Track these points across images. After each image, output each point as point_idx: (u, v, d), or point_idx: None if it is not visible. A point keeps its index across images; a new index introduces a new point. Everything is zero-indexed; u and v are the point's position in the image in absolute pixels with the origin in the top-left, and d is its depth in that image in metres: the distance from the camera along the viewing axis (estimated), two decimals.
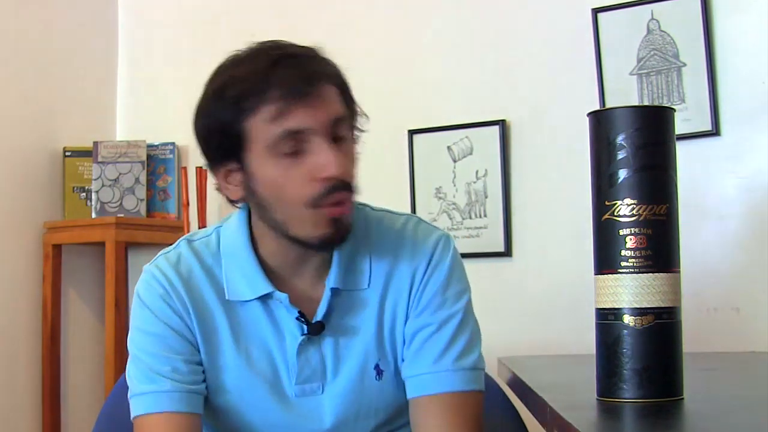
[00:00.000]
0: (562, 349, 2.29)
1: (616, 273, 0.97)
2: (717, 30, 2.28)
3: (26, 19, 2.85)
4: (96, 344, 2.92)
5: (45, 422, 2.77)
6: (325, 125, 1.12)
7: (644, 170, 0.96)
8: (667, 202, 0.97)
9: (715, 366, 1.72)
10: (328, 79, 1.15)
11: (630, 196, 0.96)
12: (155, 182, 2.98)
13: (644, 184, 0.96)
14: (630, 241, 0.96)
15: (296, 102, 1.10)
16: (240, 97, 1.12)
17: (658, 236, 0.96)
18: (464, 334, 1.24)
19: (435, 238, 1.27)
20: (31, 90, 2.85)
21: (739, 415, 1.08)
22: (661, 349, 0.97)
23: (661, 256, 0.96)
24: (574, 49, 2.46)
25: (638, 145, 0.97)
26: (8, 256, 2.74)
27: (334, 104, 1.15)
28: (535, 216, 2.47)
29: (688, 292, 2.26)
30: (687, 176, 2.31)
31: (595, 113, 1.01)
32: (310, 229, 1.15)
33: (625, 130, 0.97)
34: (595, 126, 1.00)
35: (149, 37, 3.13)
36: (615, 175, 0.97)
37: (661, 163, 0.98)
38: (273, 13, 2.88)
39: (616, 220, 0.97)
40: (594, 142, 1.01)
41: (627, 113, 0.98)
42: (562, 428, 1.02)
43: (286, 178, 1.13)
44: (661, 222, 0.96)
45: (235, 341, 1.23)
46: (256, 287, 1.22)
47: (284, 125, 1.11)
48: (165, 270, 1.24)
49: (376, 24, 2.74)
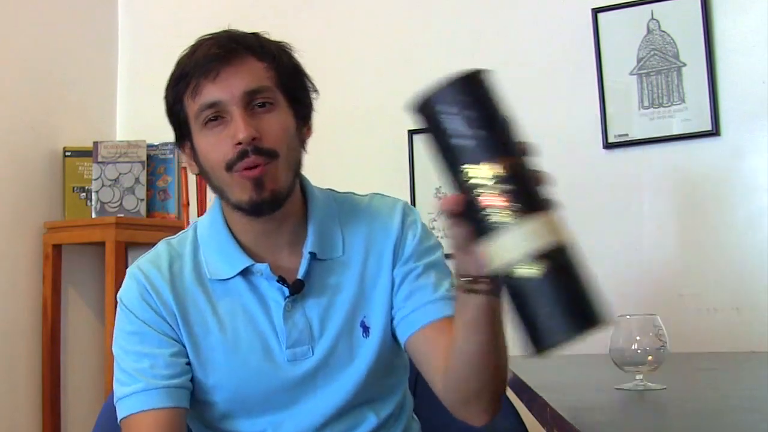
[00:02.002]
0: (562, 349, 2.29)
1: (489, 234, 0.90)
2: (717, 30, 2.28)
3: (26, 19, 2.85)
4: (96, 344, 2.92)
5: (45, 422, 2.77)
6: (237, 97, 1.19)
7: (475, 135, 0.92)
8: (510, 156, 0.90)
9: (715, 366, 1.72)
10: (243, 53, 1.22)
11: (469, 161, 0.91)
12: (155, 182, 2.98)
13: (481, 147, 0.91)
14: (486, 201, 0.90)
15: (206, 78, 1.20)
16: (176, 80, 1.25)
17: (515, 187, 0.90)
18: (448, 274, 1.30)
19: (401, 203, 1.36)
20: (31, 90, 2.85)
21: (739, 414, 1.08)
22: (552, 295, 0.89)
23: (524, 204, 0.90)
24: (574, 49, 2.46)
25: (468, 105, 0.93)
26: (8, 256, 2.74)
27: (249, 76, 1.21)
28: None
29: (688, 292, 2.28)
30: (687, 176, 2.32)
31: (421, 103, 0.95)
32: (238, 193, 1.21)
33: (453, 101, 0.93)
34: (426, 109, 0.95)
35: (149, 37, 3.13)
36: (453, 144, 0.94)
37: (488, 120, 0.93)
38: (272, 13, 2.88)
39: (467, 184, 0.91)
40: (434, 125, 0.95)
41: (445, 88, 0.92)
42: (562, 428, 1.02)
43: (212, 146, 1.21)
44: (510, 177, 0.89)
45: (220, 327, 1.26)
46: (234, 263, 1.27)
47: (199, 101, 1.21)
48: (143, 268, 1.29)
49: (376, 24, 2.74)
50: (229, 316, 1.27)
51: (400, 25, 2.71)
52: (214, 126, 1.21)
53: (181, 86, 1.24)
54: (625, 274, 2.34)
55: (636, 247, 2.35)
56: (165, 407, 1.21)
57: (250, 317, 1.27)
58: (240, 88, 1.20)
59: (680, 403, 1.22)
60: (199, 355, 1.26)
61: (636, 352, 1.27)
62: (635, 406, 1.21)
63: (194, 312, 1.27)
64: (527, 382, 1.40)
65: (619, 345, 1.29)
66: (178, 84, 1.24)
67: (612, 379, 1.34)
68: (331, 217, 1.32)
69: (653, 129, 2.34)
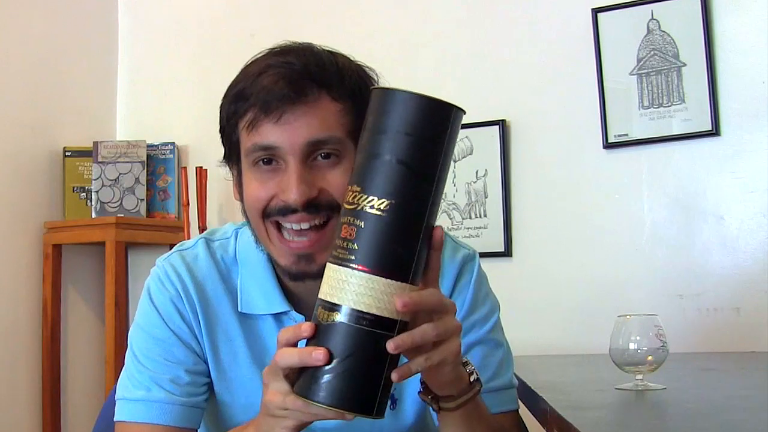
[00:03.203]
0: (562, 349, 2.29)
1: (327, 263, 0.87)
2: (717, 30, 2.28)
3: (26, 19, 2.85)
4: (96, 344, 2.92)
5: (45, 422, 2.77)
6: (298, 146, 1.03)
7: (387, 160, 0.84)
8: (392, 199, 0.83)
9: (715, 366, 1.72)
10: (317, 92, 1.04)
11: (356, 182, 0.85)
12: (155, 182, 2.98)
13: (373, 173, 0.84)
14: (342, 230, 0.85)
15: (267, 117, 1.03)
16: (234, 99, 1.08)
17: (369, 233, 0.83)
18: (495, 355, 1.18)
19: (461, 256, 1.20)
20: (31, 90, 2.85)
21: (739, 414, 1.08)
22: (334, 352, 0.84)
23: (365, 253, 0.83)
24: (574, 49, 2.46)
25: (402, 131, 0.84)
26: (8, 256, 2.74)
27: (317, 122, 1.04)
28: (535, 216, 2.47)
29: (688, 292, 2.28)
30: (687, 176, 2.32)
31: (381, 89, 0.87)
32: (275, 254, 1.09)
33: (399, 114, 0.84)
34: (376, 100, 0.87)
35: (149, 37, 3.13)
36: (362, 157, 0.87)
37: (413, 158, 0.84)
38: (272, 14, 2.88)
39: (343, 207, 0.86)
40: (369, 114, 0.88)
41: (410, 99, 0.84)
42: (562, 428, 1.02)
43: (255, 188, 1.07)
44: (376, 218, 0.83)
45: (251, 354, 1.16)
46: (272, 303, 1.15)
47: (253, 139, 1.05)
48: (179, 270, 1.17)
49: (376, 24, 2.74)
50: (258, 348, 1.16)
51: (400, 25, 2.71)
52: (264, 170, 1.06)
53: (237, 109, 1.06)
54: (625, 274, 2.34)
55: (636, 247, 2.35)
56: (172, 425, 1.12)
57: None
58: (304, 136, 1.03)
59: (680, 403, 1.22)
60: (223, 380, 1.16)
61: (636, 352, 1.27)
62: (635, 406, 1.20)
63: (221, 335, 1.16)
64: (527, 382, 1.40)
65: (619, 345, 1.29)
66: (235, 103, 1.07)
67: (612, 379, 1.34)
68: None
69: (653, 129, 2.34)
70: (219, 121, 1.12)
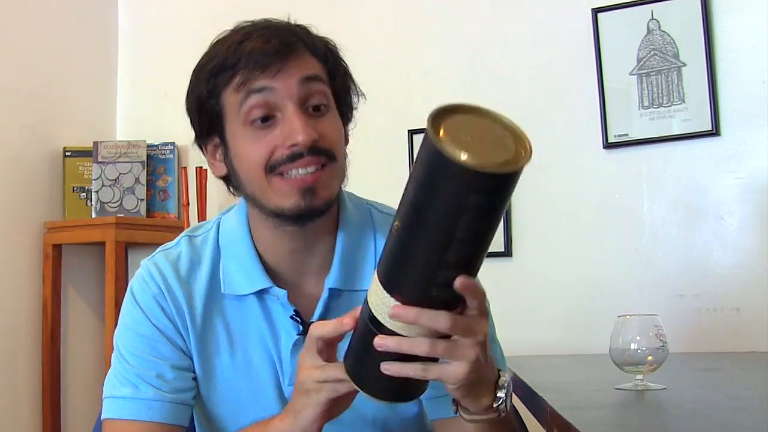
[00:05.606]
0: (562, 349, 2.29)
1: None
2: (717, 30, 2.28)
3: (26, 19, 2.85)
4: (96, 344, 2.92)
5: (45, 422, 2.77)
6: (291, 87, 1.09)
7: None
8: (400, 222, 0.81)
9: (715, 366, 1.72)
10: (298, 47, 1.12)
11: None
12: (155, 182, 2.98)
13: (404, 194, 0.81)
14: None
15: (261, 68, 1.09)
16: (214, 72, 1.12)
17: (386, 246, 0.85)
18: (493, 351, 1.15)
19: None
20: (31, 90, 2.85)
21: (739, 414, 1.08)
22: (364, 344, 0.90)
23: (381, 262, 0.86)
24: (574, 49, 2.46)
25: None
26: (8, 256, 2.74)
27: (304, 67, 1.11)
28: (535, 216, 2.47)
29: (688, 292, 2.28)
30: (687, 176, 2.32)
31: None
32: (277, 199, 1.10)
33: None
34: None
35: (149, 37, 3.13)
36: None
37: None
38: (272, 14, 2.88)
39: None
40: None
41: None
42: (562, 428, 1.02)
43: (254, 146, 1.10)
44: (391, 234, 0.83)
45: (230, 344, 1.17)
46: (254, 281, 1.16)
47: (249, 87, 1.09)
48: (163, 268, 1.18)
49: (376, 25, 2.74)
50: (240, 337, 1.17)
51: (400, 26, 2.71)
52: (261, 128, 1.09)
53: (220, 81, 1.11)
54: (625, 274, 2.34)
55: (636, 247, 2.35)
56: (160, 422, 1.12)
57: (261, 340, 1.17)
58: (297, 76, 1.09)
59: (680, 403, 1.22)
60: (207, 372, 1.17)
61: (636, 352, 1.27)
62: (635, 406, 1.20)
63: (207, 326, 1.17)
64: (527, 382, 1.40)
65: (619, 345, 1.29)
66: (215, 77, 1.11)
67: (612, 379, 1.34)
68: (365, 241, 1.19)
69: (653, 129, 2.33)
70: (187, 103, 1.16)
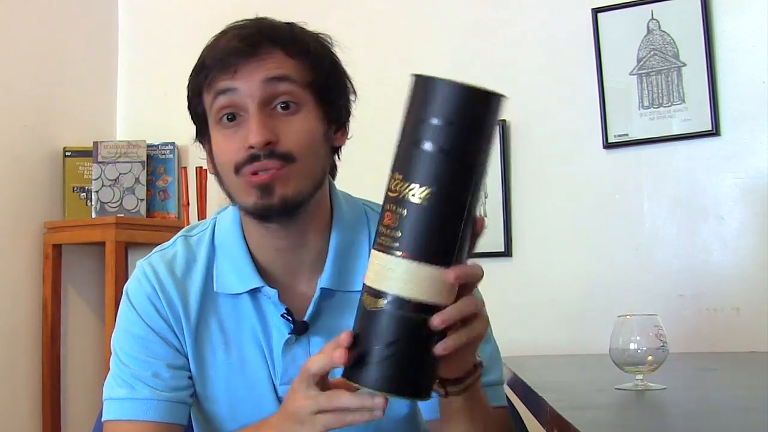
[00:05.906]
0: (562, 349, 2.29)
1: (372, 249, 0.89)
2: (717, 30, 2.28)
3: (26, 19, 2.85)
4: (96, 344, 2.91)
5: (45, 422, 2.77)
6: (253, 87, 1.10)
7: (428, 148, 0.85)
8: (433, 188, 0.84)
9: (715, 366, 1.72)
10: (263, 47, 1.12)
11: (398, 170, 0.87)
12: (155, 182, 2.98)
13: (416, 162, 0.85)
14: (385, 218, 0.87)
15: (221, 68, 1.11)
16: (194, 73, 1.15)
17: (411, 221, 0.85)
18: (484, 350, 1.16)
19: None
20: (31, 90, 2.85)
21: (739, 414, 1.08)
22: (380, 338, 0.86)
23: (408, 240, 0.84)
24: (574, 49, 2.46)
25: (446, 121, 0.84)
26: (8, 256, 2.74)
27: (268, 67, 1.11)
28: (535, 216, 2.47)
29: (688, 292, 2.28)
30: (687, 176, 2.32)
31: (425, 77, 0.87)
32: (243, 197, 1.12)
33: (442, 103, 0.85)
34: (419, 87, 0.87)
35: (149, 37, 3.13)
36: (404, 144, 0.87)
37: (455, 147, 0.85)
38: (272, 14, 2.88)
39: (386, 194, 0.88)
40: (411, 100, 0.87)
41: (454, 88, 0.85)
42: (562, 428, 1.02)
43: (223, 146, 1.13)
44: (418, 206, 0.84)
45: (225, 343, 1.18)
46: (245, 281, 1.17)
47: (215, 87, 1.11)
48: (157, 268, 1.20)
49: (376, 24, 2.74)
50: (234, 335, 1.18)
51: (400, 25, 2.71)
52: (229, 125, 1.12)
53: (200, 78, 1.14)
54: (625, 274, 2.34)
55: (636, 247, 2.35)
56: (158, 421, 1.13)
57: (254, 338, 1.18)
58: (260, 77, 1.10)
59: (680, 403, 1.22)
60: (202, 370, 1.18)
61: (636, 352, 1.27)
62: (635, 406, 1.20)
63: (202, 325, 1.18)
64: (527, 382, 1.40)
65: (619, 345, 1.29)
66: (197, 76, 1.15)
67: (612, 379, 1.34)
68: (360, 241, 1.20)
69: (653, 129, 2.33)
70: (187, 102, 1.18)
